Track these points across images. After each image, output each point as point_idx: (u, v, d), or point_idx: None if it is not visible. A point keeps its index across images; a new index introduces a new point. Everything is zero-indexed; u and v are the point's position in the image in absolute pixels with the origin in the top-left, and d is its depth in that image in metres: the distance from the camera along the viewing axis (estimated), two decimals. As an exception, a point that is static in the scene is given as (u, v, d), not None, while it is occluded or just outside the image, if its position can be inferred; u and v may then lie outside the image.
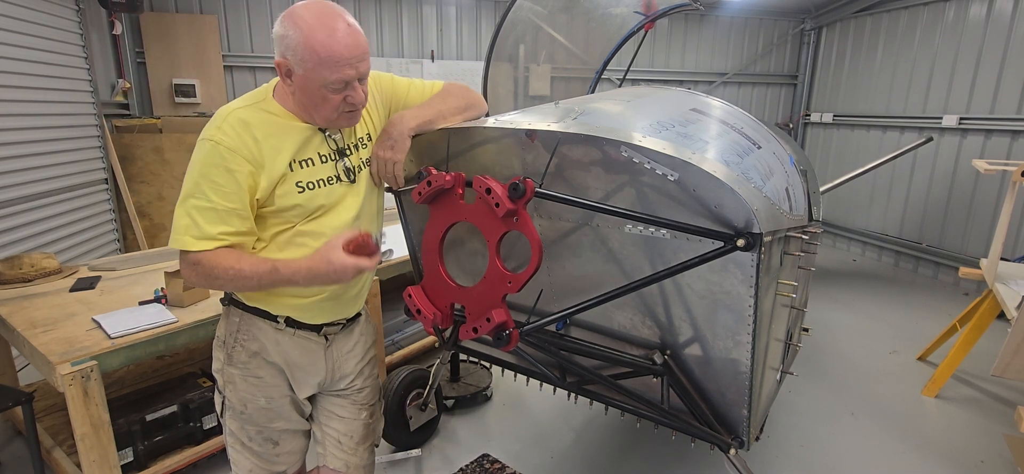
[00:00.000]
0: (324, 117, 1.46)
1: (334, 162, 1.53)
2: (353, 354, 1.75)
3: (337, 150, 1.54)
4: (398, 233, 2.38)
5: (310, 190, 1.47)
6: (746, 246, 1.49)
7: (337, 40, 1.34)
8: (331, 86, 1.38)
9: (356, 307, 1.72)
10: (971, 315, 3.60)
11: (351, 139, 1.59)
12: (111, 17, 5.16)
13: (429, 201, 1.68)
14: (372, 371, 1.85)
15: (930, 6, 5.86)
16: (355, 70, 1.39)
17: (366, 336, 1.83)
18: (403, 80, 1.79)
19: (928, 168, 5.96)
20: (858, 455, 2.97)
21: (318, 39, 1.33)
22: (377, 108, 1.70)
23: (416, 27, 6.51)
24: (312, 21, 1.34)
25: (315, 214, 1.50)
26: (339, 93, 1.40)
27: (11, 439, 2.95)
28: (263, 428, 1.65)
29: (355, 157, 1.59)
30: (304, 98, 1.43)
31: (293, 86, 1.43)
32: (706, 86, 7.48)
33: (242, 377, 1.60)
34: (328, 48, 1.33)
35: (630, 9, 3.52)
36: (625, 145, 1.60)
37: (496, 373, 3.56)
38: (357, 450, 1.80)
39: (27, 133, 3.93)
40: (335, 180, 1.53)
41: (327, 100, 1.41)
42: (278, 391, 1.63)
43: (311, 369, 1.65)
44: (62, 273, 2.90)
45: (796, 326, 2.65)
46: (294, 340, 1.60)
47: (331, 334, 1.66)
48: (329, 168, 1.52)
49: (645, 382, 2.10)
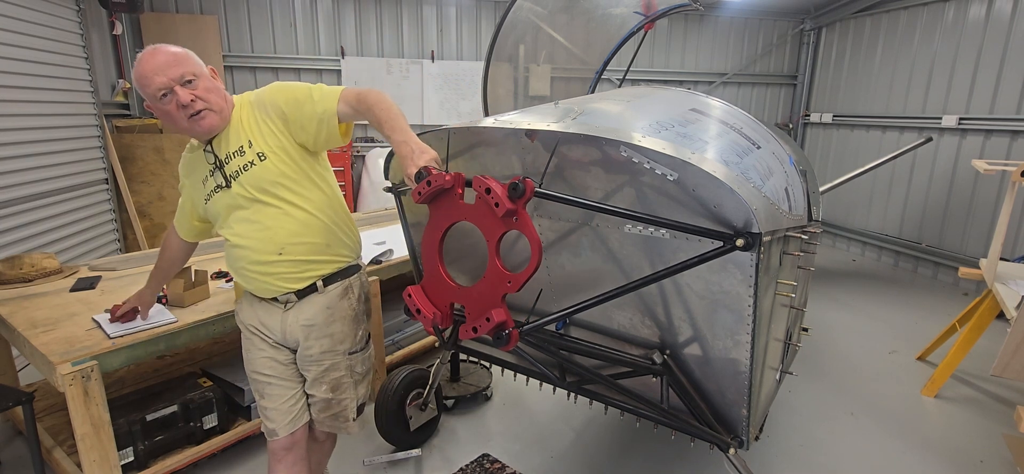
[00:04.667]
0: (179, 127, 1.75)
1: (213, 173, 1.83)
2: (310, 327, 1.91)
3: (214, 162, 1.82)
4: (398, 233, 2.38)
5: (209, 200, 1.85)
6: (745, 246, 1.49)
7: (142, 64, 1.68)
8: (159, 98, 1.68)
9: (295, 283, 1.86)
10: (970, 315, 3.60)
11: (230, 148, 1.80)
12: (111, 17, 5.16)
13: (429, 201, 1.68)
14: (338, 348, 1.97)
15: (930, 6, 5.87)
16: (165, 77, 1.66)
17: (333, 312, 1.93)
18: (300, 88, 1.82)
19: (928, 168, 5.97)
20: (857, 455, 2.97)
21: (135, 72, 1.70)
22: (255, 118, 1.82)
23: (416, 27, 6.52)
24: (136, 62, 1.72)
25: (218, 217, 1.86)
26: (169, 103, 1.69)
27: (11, 439, 2.95)
28: (251, 378, 1.98)
29: (234, 164, 1.79)
30: (165, 121, 1.77)
31: (160, 119, 1.80)
32: (706, 86, 7.48)
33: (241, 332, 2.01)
34: (138, 73, 1.68)
35: (630, 9, 3.53)
36: (625, 145, 1.60)
37: (496, 373, 3.56)
38: (319, 416, 2.03)
39: (27, 133, 3.93)
40: (220, 188, 1.82)
41: (167, 112, 1.71)
42: (253, 345, 1.96)
43: (272, 328, 1.93)
44: (62, 273, 2.90)
45: (795, 326, 2.65)
46: (261, 304, 1.94)
47: (289, 303, 1.90)
48: (215, 179, 1.82)
49: (645, 382, 2.10)
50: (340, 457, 2.75)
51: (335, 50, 6.34)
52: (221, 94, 1.80)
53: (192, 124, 1.73)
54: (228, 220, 1.84)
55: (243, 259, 1.83)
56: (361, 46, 6.42)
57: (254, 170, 1.78)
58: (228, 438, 2.67)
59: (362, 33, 6.40)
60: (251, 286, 1.90)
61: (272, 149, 1.80)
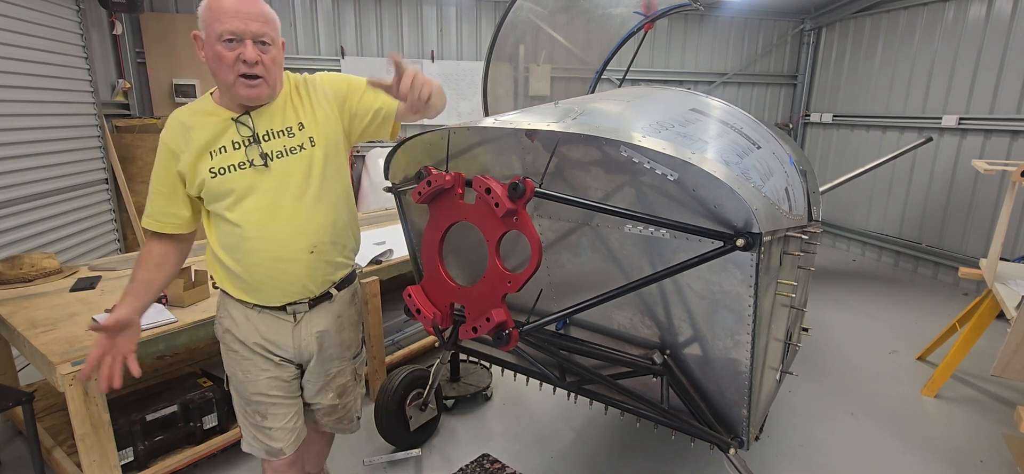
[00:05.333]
0: (222, 79, 1.56)
1: (245, 148, 1.61)
2: (325, 336, 1.81)
3: (251, 136, 1.61)
4: (398, 233, 2.38)
5: (222, 175, 1.59)
6: (745, 246, 1.49)
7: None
8: (223, 39, 1.50)
9: (313, 289, 1.74)
10: (970, 315, 3.60)
11: (273, 125, 1.64)
12: (111, 17, 5.16)
13: (429, 201, 1.69)
14: (346, 355, 1.92)
15: (930, 6, 5.86)
16: (244, 24, 1.50)
17: (344, 319, 1.87)
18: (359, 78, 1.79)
19: (928, 168, 5.97)
20: (857, 455, 2.97)
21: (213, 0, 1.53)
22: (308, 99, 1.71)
23: (416, 27, 6.52)
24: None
25: (226, 198, 1.61)
26: (232, 50, 1.51)
27: (11, 439, 2.95)
28: (248, 399, 1.79)
29: (277, 143, 1.63)
30: (211, 65, 1.55)
31: (203, 57, 1.57)
32: (706, 86, 7.48)
33: (225, 351, 1.79)
34: (219, 3, 1.51)
35: (630, 9, 3.53)
36: (625, 145, 1.60)
37: (496, 373, 3.56)
38: (324, 419, 1.97)
39: (27, 133, 3.93)
40: (247, 164, 1.61)
41: (223, 59, 1.51)
42: (254, 365, 1.76)
43: (281, 345, 1.76)
44: (62, 273, 2.90)
45: (796, 326, 2.65)
46: (262, 317, 1.73)
47: (298, 313, 1.74)
48: (240, 154, 1.61)
49: (645, 382, 2.10)
50: (340, 457, 2.75)
51: (335, 50, 6.34)
52: (281, 71, 1.67)
53: (241, 85, 1.55)
54: (243, 204, 1.61)
55: (259, 252, 1.63)
56: (361, 46, 6.42)
57: (302, 155, 1.65)
58: (228, 438, 2.67)
59: (362, 33, 6.40)
60: (261, 286, 1.67)
61: (324, 136, 1.68)
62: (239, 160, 1.61)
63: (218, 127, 1.61)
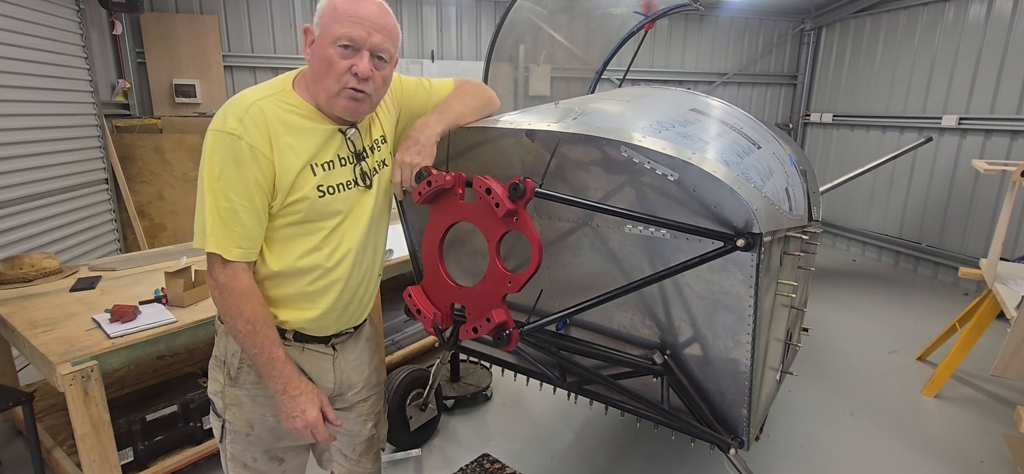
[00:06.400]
0: (327, 90, 1.38)
1: (352, 165, 1.48)
2: (359, 362, 1.70)
3: (355, 153, 1.48)
4: (398, 233, 2.38)
5: (331, 194, 1.42)
6: (746, 246, 1.49)
7: (356, 1, 1.36)
8: (339, 43, 1.34)
9: (364, 314, 1.68)
10: (971, 315, 3.60)
11: (368, 141, 1.54)
12: (111, 17, 5.16)
13: (429, 201, 1.68)
14: (377, 379, 1.81)
15: (930, 6, 5.87)
16: (366, 33, 1.35)
17: (371, 342, 1.80)
18: (411, 79, 1.74)
19: (928, 168, 5.97)
20: (858, 455, 2.97)
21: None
22: (388, 110, 1.65)
23: (416, 27, 6.51)
24: None
25: (331, 219, 1.44)
26: (345, 58, 1.35)
27: (11, 439, 2.95)
28: (270, 448, 1.59)
29: (371, 160, 1.53)
30: (315, 65, 1.38)
31: (310, 54, 1.40)
32: (706, 86, 7.48)
33: (249, 398, 1.52)
34: (345, 3, 1.35)
35: (630, 9, 3.53)
36: (625, 145, 1.60)
37: (496, 373, 3.56)
38: (361, 460, 1.79)
39: (27, 133, 3.93)
40: (353, 184, 1.48)
41: (333, 65, 1.35)
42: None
43: (320, 381, 1.59)
44: (62, 273, 2.90)
45: (796, 326, 2.65)
46: (303, 354, 1.54)
47: (339, 344, 1.62)
48: (347, 172, 1.47)
49: (645, 382, 2.10)
50: (340, 457, 2.75)
51: (335, 50, 6.33)
52: (387, 91, 1.55)
53: (344, 98, 1.38)
54: (342, 227, 1.45)
55: (347, 279, 1.49)
56: (361, 46, 6.41)
57: (384, 172, 1.55)
58: (228, 438, 2.66)
59: (362, 33, 6.39)
60: (328, 313, 1.50)
61: (393, 148, 1.60)
62: (347, 178, 1.45)
63: (324, 136, 1.42)
